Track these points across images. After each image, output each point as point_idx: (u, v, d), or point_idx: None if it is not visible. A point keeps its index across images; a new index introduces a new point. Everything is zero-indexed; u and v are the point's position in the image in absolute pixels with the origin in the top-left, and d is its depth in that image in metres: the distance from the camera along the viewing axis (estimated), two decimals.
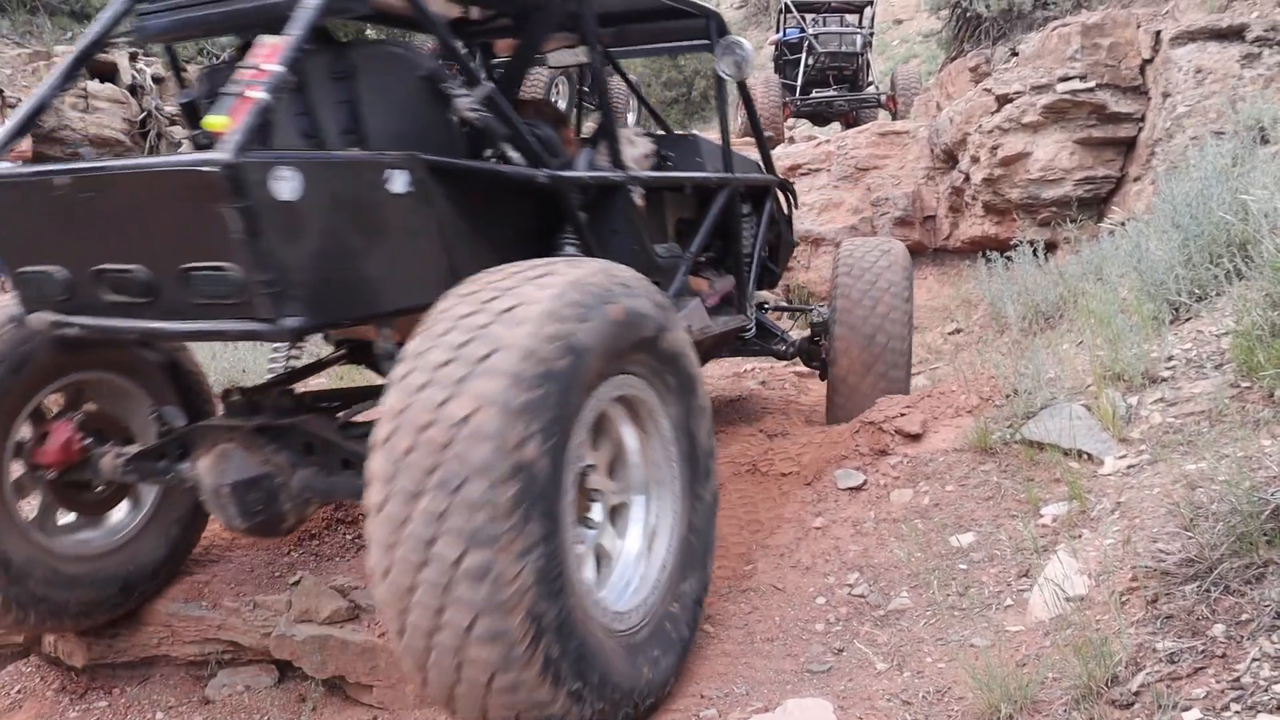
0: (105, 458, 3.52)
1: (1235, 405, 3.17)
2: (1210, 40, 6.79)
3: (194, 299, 2.73)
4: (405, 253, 3.03)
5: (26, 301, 3.13)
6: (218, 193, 2.49)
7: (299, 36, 2.74)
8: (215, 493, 3.22)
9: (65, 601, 3.51)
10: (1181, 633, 2.25)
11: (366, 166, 2.90)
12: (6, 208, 2.98)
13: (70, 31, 12.57)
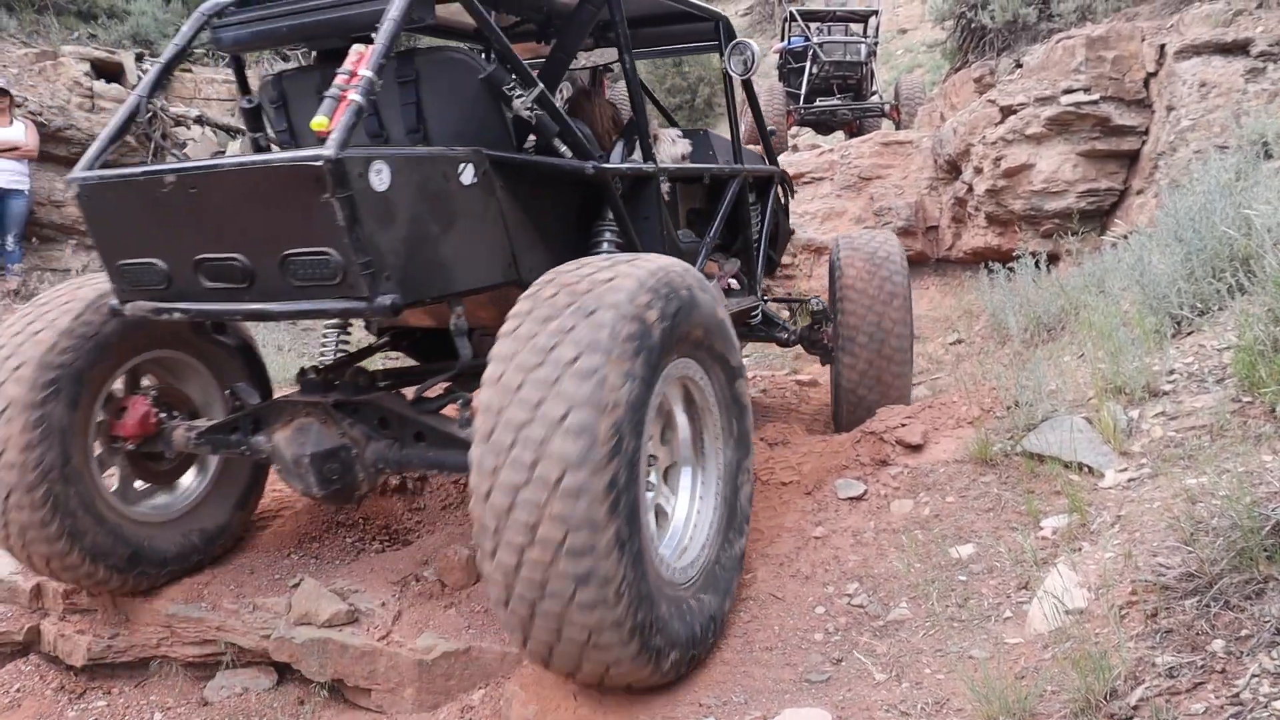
0: (177, 431, 3.82)
1: (1236, 420, 3.18)
2: (1215, 54, 6.80)
3: (293, 282, 2.99)
4: (473, 238, 3.34)
5: (122, 292, 3.36)
6: (323, 185, 2.78)
7: (385, 45, 3.02)
8: (295, 463, 3.52)
9: (143, 561, 3.81)
10: (1181, 647, 2.25)
11: (442, 160, 3.22)
12: (110, 205, 3.24)
13: (76, 31, 12.60)
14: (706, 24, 4.90)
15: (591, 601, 2.57)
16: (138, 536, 3.81)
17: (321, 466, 3.50)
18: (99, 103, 10.41)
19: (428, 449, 3.48)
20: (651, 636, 2.74)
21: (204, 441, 3.81)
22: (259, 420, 3.74)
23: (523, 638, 2.72)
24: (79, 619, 3.99)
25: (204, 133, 10.94)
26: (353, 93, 2.92)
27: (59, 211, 10.11)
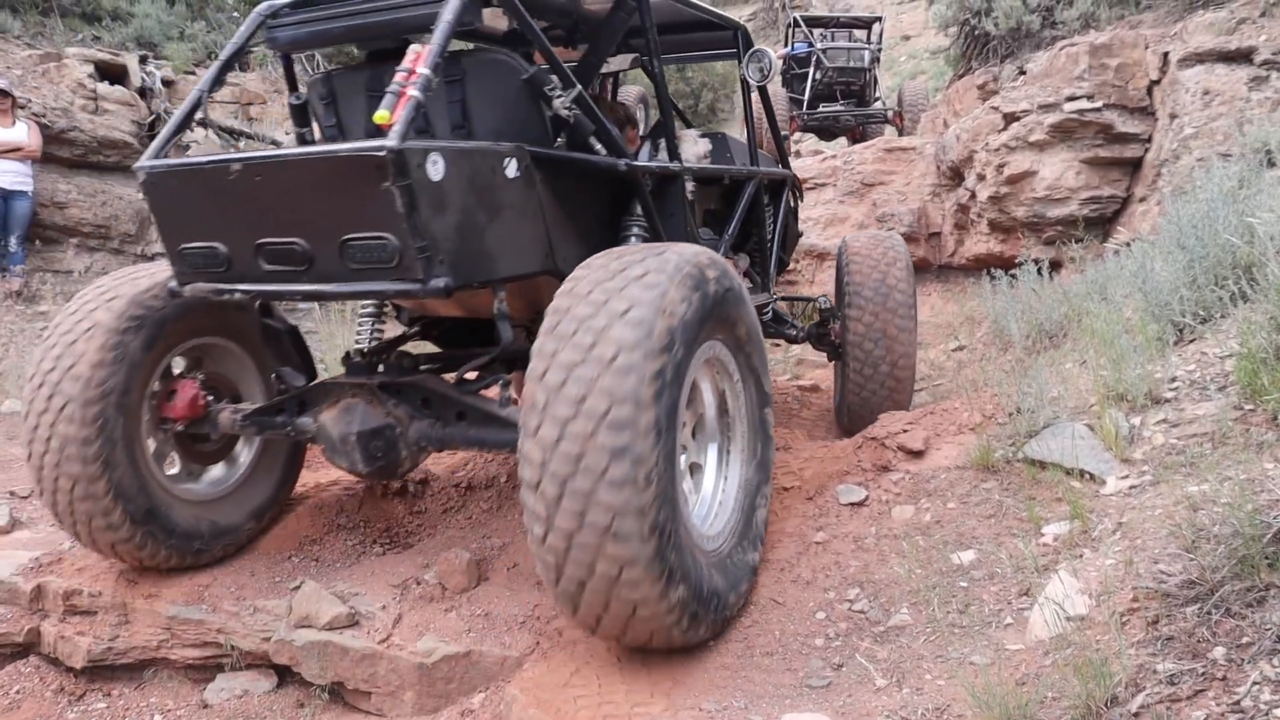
0: (223, 414, 4.02)
1: (1238, 428, 3.18)
2: (1218, 62, 6.80)
3: (351, 265, 3.17)
4: (516, 228, 3.52)
5: (182, 275, 3.56)
6: (384, 173, 2.96)
7: (441, 45, 3.22)
8: (342, 441, 3.71)
9: (190, 539, 4.00)
10: (1182, 654, 2.25)
11: (490, 154, 3.40)
12: (175, 193, 3.43)
13: (80, 33, 12.61)
14: (726, 32, 5.12)
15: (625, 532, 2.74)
16: (185, 515, 3.99)
17: (367, 444, 3.68)
18: (102, 104, 10.43)
19: (469, 427, 3.67)
20: (676, 582, 2.89)
21: (250, 423, 3.99)
22: (304, 402, 3.93)
23: (556, 574, 2.88)
24: (79, 620, 4.00)
25: (207, 135, 10.94)
26: (412, 89, 3.12)
27: (62, 213, 10.12)
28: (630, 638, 3.01)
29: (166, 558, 3.93)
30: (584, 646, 3.34)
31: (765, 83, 5.01)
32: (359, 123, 3.94)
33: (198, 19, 14.16)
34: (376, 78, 3.78)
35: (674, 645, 3.08)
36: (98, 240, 10.47)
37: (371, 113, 3.59)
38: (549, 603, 3.66)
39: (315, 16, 3.80)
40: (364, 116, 3.85)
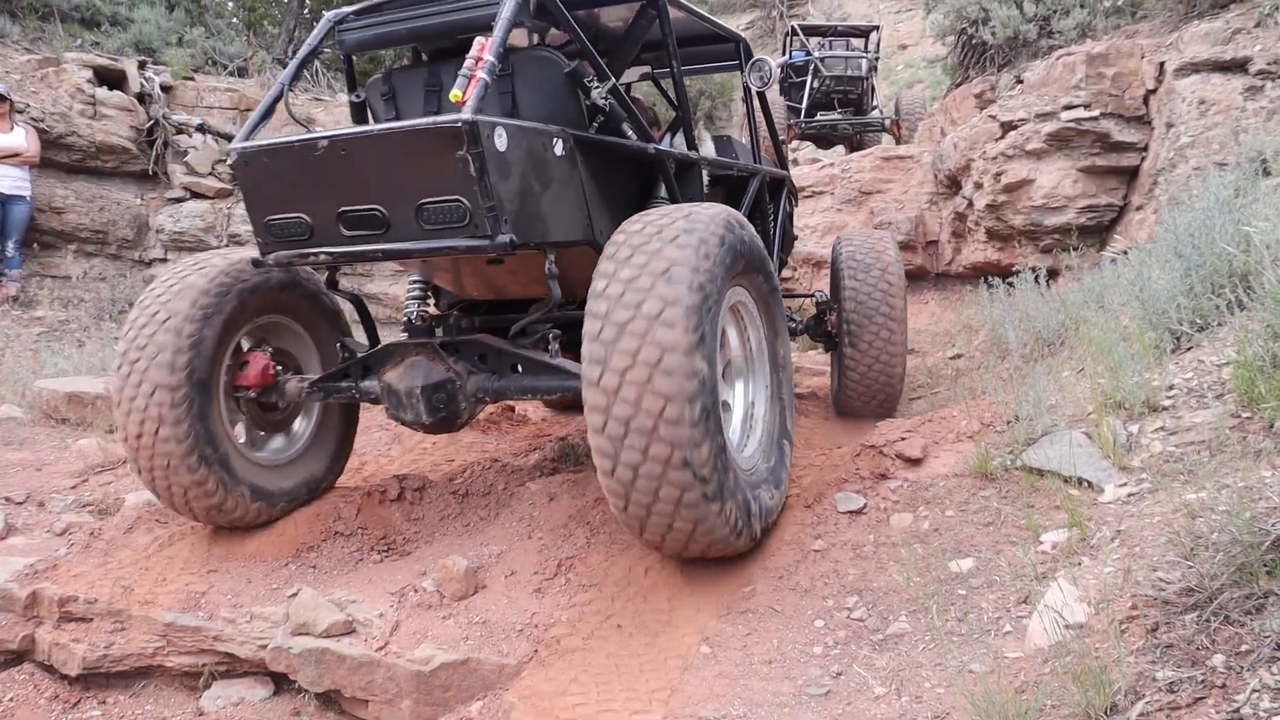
0: (290, 383, 4.49)
1: (1236, 435, 3.18)
2: (1214, 72, 6.82)
3: (425, 226, 3.63)
4: (562, 199, 3.97)
5: (266, 245, 3.99)
6: (459, 142, 3.42)
7: (502, 35, 3.69)
8: (407, 395, 4.13)
9: (266, 497, 4.41)
10: (1181, 662, 2.25)
11: (542, 133, 3.86)
12: (263, 170, 3.85)
13: (79, 38, 12.62)
14: (729, 44, 5.63)
15: (683, 461, 3.20)
16: (258, 477, 4.39)
17: (431, 397, 4.11)
18: (101, 110, 10.42)
19: (523, 377, 4.12)
20: (727, 500, 3.37)
21: (316, 390, 4.45)
22: (368, 366, 4.36)
23: (624, 502, 3.34)
24: (74, 627, 3.98)
25: (205, 140, 10.95)
26: (480, 72, 3.56)
27: (59, 218, 10.12)
28: (691, 550, 3.50)
29: (239, 511, 4.31)
30: (581, 655, 3.33)
31: (765, 89, 5.35)
32: (417, 114, 4.41)
33: (196, 25, 14.18)
34: (434, 75, 4.39)
35: (727, 553, 3.59)
36: (95, 245, 10.47)
37: (429, 106, 4.37)
38: (547, 610, 3.66)
39: (380, 20, 4.25)
40: (421, 109, 4.41)
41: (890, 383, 5.88)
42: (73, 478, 5.33)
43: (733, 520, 3.43)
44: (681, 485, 3.23)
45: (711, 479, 3.28)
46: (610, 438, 3.25)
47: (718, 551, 3.53)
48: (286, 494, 4.53)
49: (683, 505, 3.28)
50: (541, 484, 4.71)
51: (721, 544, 3.47)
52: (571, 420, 6.63)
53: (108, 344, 8.67)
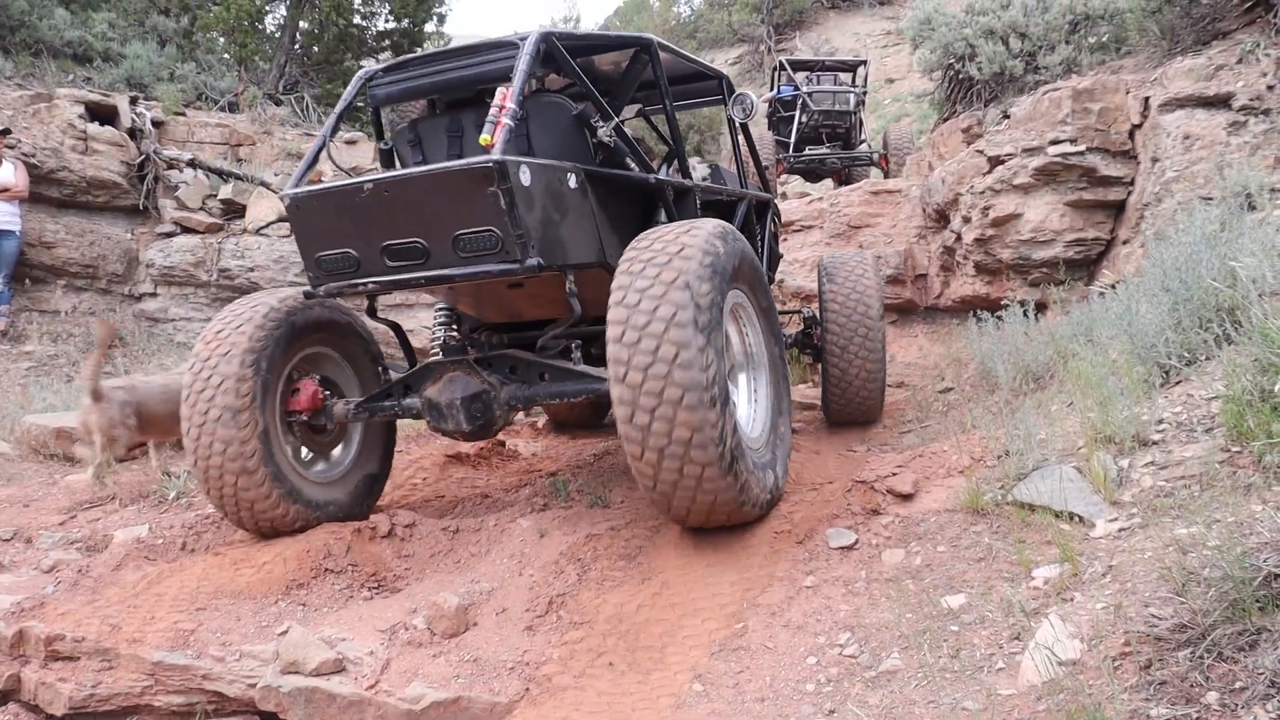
0: (337, 406, 4.94)
1: (1225, 470, 3.19)
2: (1198, 107, 6.90)
3: (461, 254, 4.12)
4: (578, 227, 4.46)
5: (317, 279, 4.48)
6: (491, 179, 3.92)
7: (520, 85, 4.19)
8: (448, 407, 4.60)
9: (318, 511, 4.78)
10: (1175, 699, 2.24)
11: (558, 169, 4.37)
12: (312, 213, 4.34)
13: (71, 74, 12.67)
14: (712, 81, 6.13)
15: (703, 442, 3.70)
16: (309, 491, 4.78)
17: (469, 407, 4.58)
18: (93, 145, 10.45)
19: (550, 384, 4.60)
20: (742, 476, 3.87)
21: (362, 410, 4.88)
22: (408, 386, 4.82)
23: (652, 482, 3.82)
24: (61, 666, 3.93)
25: (196, 175, 10.98)
26: (504, 118, 4.05)
27: (49, 252, 10.12)
28: (712, 520, 4.00)
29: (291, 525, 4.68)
30: (573, 693, 3.31)
31: (747, 120, 5.82)
32: (441, 158, 4.87)
33: (188, 60, 14.26)
34: (454, 122, 4.88)
35: (741, 521, 4.06)
36: (85, 280, 10.46)
37: (451, 149, 4.87)
38: (538, 648, 3.63)
39: (407, 76, 4.76)
40: (445, 153, 4.88)
41: (871, 387, 6.41)
42: (61, 514, 5.30)
43: (747, 492, 3.92)
44: (703, 462, 3.73)
45: (727, 456, 3.76)
46: (637, 426, 3.74)
47: (735, 520, 4.03)
48: (337, 506, 4.91)
49: (704, 480, 3.77)
50: (533, 520, 4.69)
51: (738, 514, 3.97)
52: (562, 456, 6.62)
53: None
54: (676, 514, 3.98)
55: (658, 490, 3.85)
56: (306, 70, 15.04)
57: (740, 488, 3.88)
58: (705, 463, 3.73)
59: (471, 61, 4.59)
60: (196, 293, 10.73)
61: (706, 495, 3.84)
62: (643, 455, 3.77)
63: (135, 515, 5.26)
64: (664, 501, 3.91)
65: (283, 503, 4.63)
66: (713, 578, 3.89)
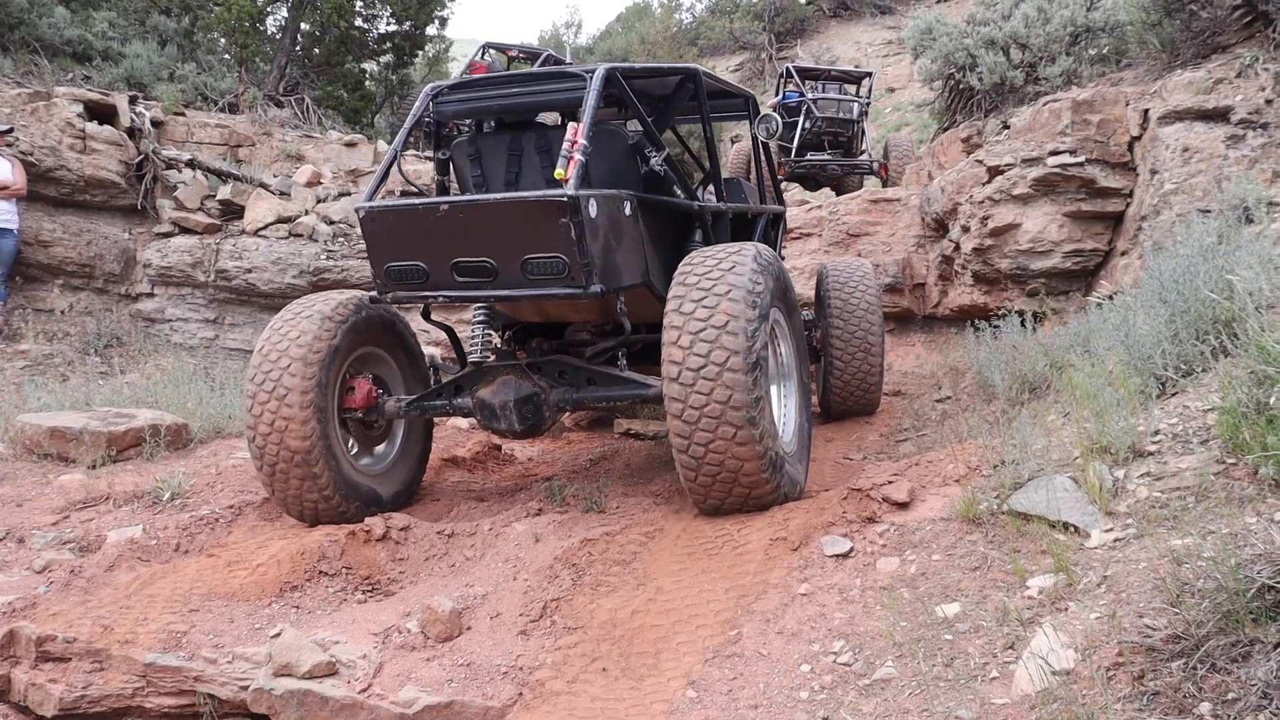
0: (389, 403, 5.24)
1: (1221, 481, 3.19)
2: (1196, 120, 6.92)
3: (529, 276, 4.48)
4: (630, 251, 4.86)
5: (384, 287, 4.84)
6: (563, 212, 4.30)
7: (589, 121, 4.51)
8: (501, 408, 4.97)
9: (371, 500, 5.09)
10: (1169, 710, 2.24)
11: (617, 198, 4.76)
12: (386, 226, 4.66)
13: (70, 72, 12.67)
14: (739, 100, 6.54)
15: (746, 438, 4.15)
16: (361, 483, 5.07)
17: (521, 409, 4.94)
18: (91, 144, 10.45)
19: (597, 389, 4.99)
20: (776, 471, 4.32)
21: (413, 408, 5.19)
22: (459, 386, 5.16)
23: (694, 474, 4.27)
24: (51, 668, 3.92)
25: (195, 176, 10.98)
26: (577, 154, 4.38)
27: (46, 251, 10.11)
28: (746, 508, 4.38)
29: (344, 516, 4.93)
30: (566, 698, 3.30)
31: (770, 140, 6.28)
32: (499, 175, 5.25)
33: (188, 60, 14.27)
34: (514, 141, 5.20)
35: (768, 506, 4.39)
36: (82, 279, 10.45)
37: (511, 169, 5.23)
38: (532, 653, 3.63)
39: (473, 96, 5.08)
40: (503, 169, 5.22)
41: (870, 382, 6.92)
42: (54, 514, 5.28)
43: (778, 485, 4.33)
44: (743, 458, 4.18)
45: (765, 455, 4.20)
46: (686, 421, 4.18)
47: (764, 507, 4.39)
48: (383, 499, 5.19)
49: (743, 474, 4.22)
50: (527, 524, 4.69)
51: (768, 504, 4.37)
52: (558, 461, 6.61)
53: (92, 378, 8.63)
54: (712, 502, 4.38)
55: (698, 481, 4.29)
56: (307, 72, 15.04)
57: (774, 483, 4.31)
58: (746, 458, 4.18)
59: (538, 89, 4.93)
60: (194, 293, 10.73)
61: (743, 489, 4.27)
62: (688, 448, 4.21)
63: (129, 516, 5.24)
64: (702, 491, 4.33)
65: (339, 497, 4.89)
66: (707, 584, 3.89)
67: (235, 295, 10.54)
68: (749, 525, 4.32)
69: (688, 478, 4.29)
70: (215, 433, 6.91)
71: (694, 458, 4.22)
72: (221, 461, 6.24)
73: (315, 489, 4.83)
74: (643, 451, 6.69)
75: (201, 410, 7.15)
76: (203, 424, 6.91)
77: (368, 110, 15.76)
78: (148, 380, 8.49)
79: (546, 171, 5.05)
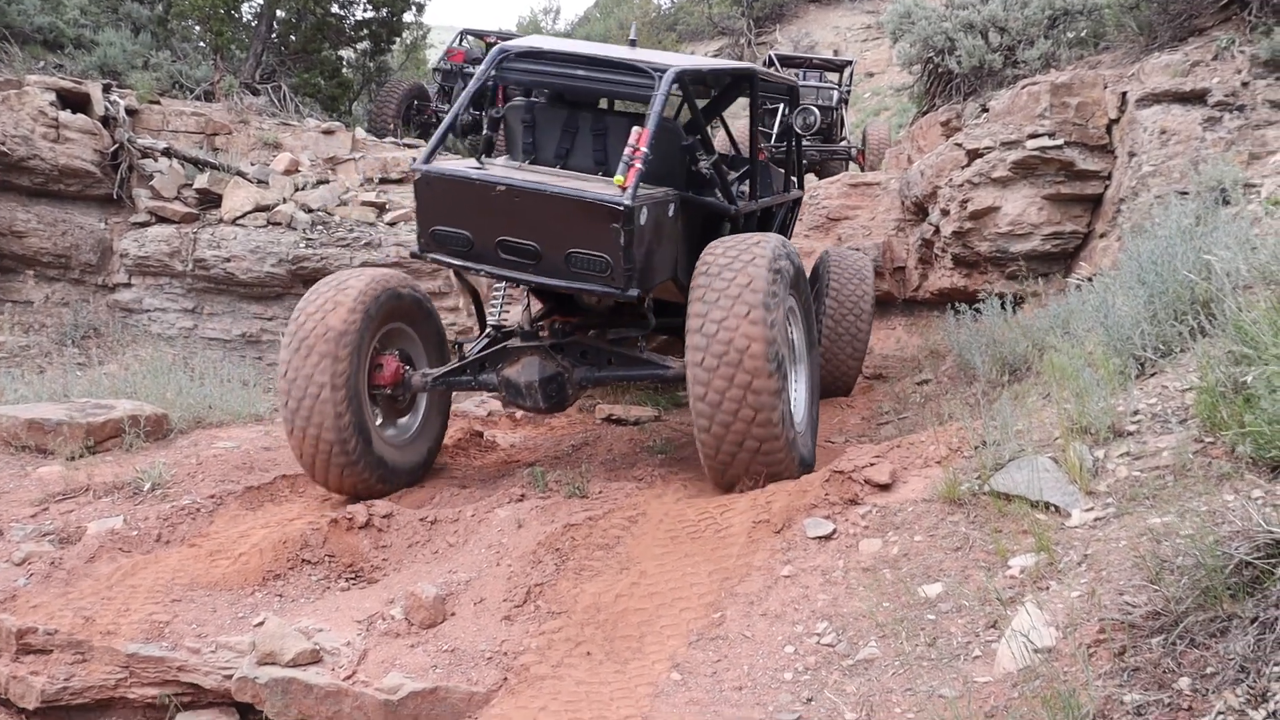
0: (415, 378, 5.46)
1: (1199, 460, 3.22)
2: (1174, 103, 6.95)
3: (571, 268, 4.70)
4: (668, 250, 5.09)
5: (427, 246, 5.04)
6: (616, 218, 4.52)
7: (655, 127, 4.70)
8: (527, 387, 5.18)
9: (394, 470, 5.31)
10: (1148, 685, 2.27)
11: (665, 202, 4.98)
12: (439, 192, 4.85)
13: (42, 60, 12.50)
14: (783, 89, 7.23)
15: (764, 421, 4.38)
16: (387, 455, 5.26)
17: (546, 388, 5.16)
18: (64, 133, 10.32)
19: (617, 368, 5.26)
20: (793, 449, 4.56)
21: (440, 383, 5.44)
22: (483, 363, 5.38)
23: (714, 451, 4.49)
24: (33, 660, 3.90)
25: (171, 165, 10.87)
26: (638, 162, 4.56)
27: (20, 242, 10.00)
28: (760, 484, 4.48)
29: (372, 485, 5.14)
30: (551, 683, 3.31)
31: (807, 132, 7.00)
32: (550, 146, 5.48)
33: (162, 48, 14.10)
34: (571, 119, 5.44)
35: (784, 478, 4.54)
36: (57, 270, 10.35)
37: (563, 144, 5.47)
38: (516, 638, 3.63)
39: (540, 68, 5.23)
40: (555, 142, 5.47)
41: (851, 365, 7.32)
42: (33, 506, 5.24)
43: (791, 462, 4.53)
44: (761, 438, 4.41)
45: (781, 435, 4.42)
46: (709, 403, 4.41)
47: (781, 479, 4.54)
48: (408, 467, 5.43)
49: (761, 452, 4.43)
50: (510, 510, 4.68)
51: (783, 479, 4.49)
52: (541, 447, 6.61)
53: (69, 370, 8.56)
54: (730, 479, 4.56)
55: (718, 459, 4.50)
56: (284, 60, 14.89)
57: (788, 459, 4.53)
58: (764, 438, 4.41)
59: (605, 76, 5.09)
60: (172, 283, 10.63)
61: (760, 466, 4.48)
62: (710, 428, 4.44)
63: (109, 507, 5.21)
64: (721, 468, 4.54)
65: (368, 468, 5.06)
66: (690, 567, 3.90)
67: (214, 285, 10.46)
68: (731, 508, 4.33)
69: (707, 455, 4.51)
70: (195, 423, 6.87)
71: (715, 437, 4.44)
72: (202, 451, 6.20)
73: (347, 463, 4.99)
74: (625, 437, 6.69)
75: (181, 400, 7.09)
76: (182, 414, 6.86)
77: (345, 97, 15.62)
78: (126, 371, 8.42)
79: (598, 154, 5.37)
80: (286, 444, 6.28)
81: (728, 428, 4.39)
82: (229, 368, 8.87)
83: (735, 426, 4.38)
